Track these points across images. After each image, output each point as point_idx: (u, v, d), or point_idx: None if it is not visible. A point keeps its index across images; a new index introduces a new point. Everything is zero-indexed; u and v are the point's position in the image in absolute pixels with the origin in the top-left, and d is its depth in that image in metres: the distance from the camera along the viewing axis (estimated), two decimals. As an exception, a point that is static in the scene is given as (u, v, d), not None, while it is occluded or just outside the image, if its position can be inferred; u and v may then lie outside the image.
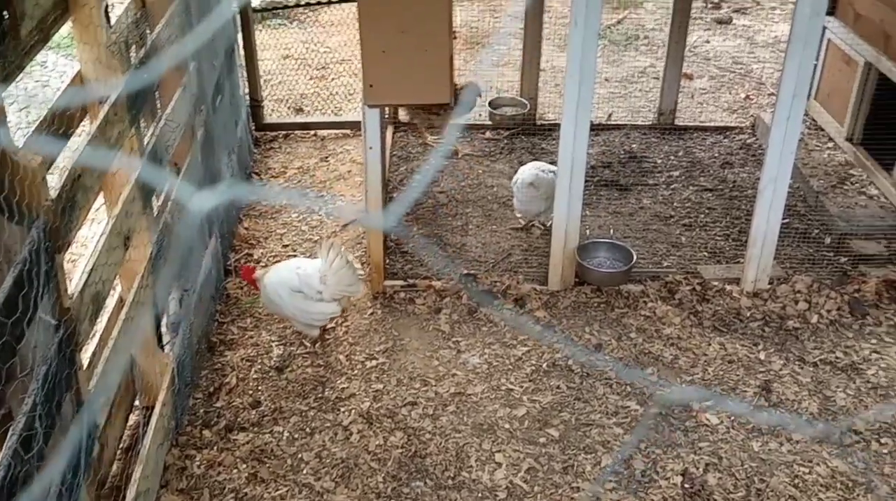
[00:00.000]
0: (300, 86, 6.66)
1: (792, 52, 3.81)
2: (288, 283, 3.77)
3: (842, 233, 4.63)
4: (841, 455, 3.31)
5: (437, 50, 3.75)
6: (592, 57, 3.83)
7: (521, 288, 4.28)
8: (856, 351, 3.84)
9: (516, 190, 4.68)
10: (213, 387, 3.69)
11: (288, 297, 3.76)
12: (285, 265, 3.94)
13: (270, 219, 5.00)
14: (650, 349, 3.90)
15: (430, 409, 3.57)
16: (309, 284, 3.73)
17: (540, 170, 4.63)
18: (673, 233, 4.78)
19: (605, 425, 3.49)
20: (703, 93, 6.66)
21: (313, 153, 5.76)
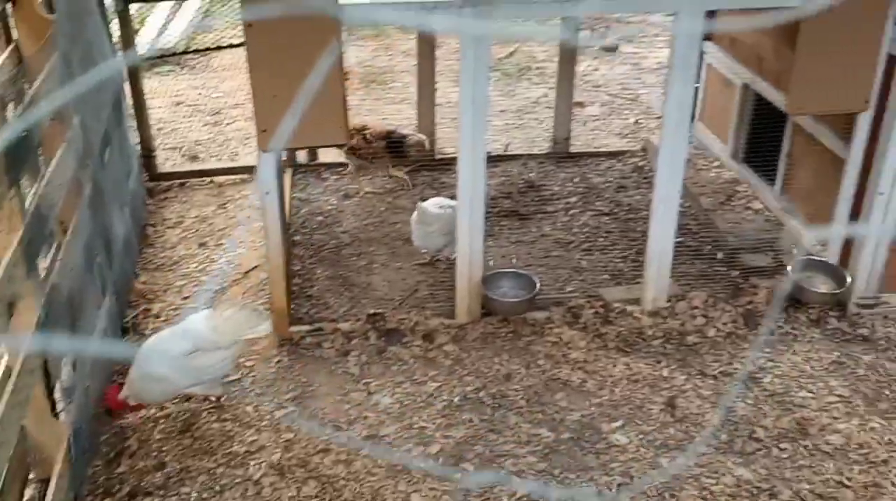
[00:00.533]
0: (194, 132, 6.54)
1: (673, 78, 3.99)
2: (178, 353, 3.51)
3: (732, 247, 4.84)
4: (744, 464, 3.43)
5: (329, 92, 3.76)
6: (484, 90, 3.92)
7: (428, 323, 4.28)
8: (752, 362, 4.01)
9: (412, 227, 4.72)
10: (113, 452, 3.53)
11: (184, 367, 3.51)
12: (159, 340, 3.60)
13: (168, 270, 4.85)
14: (558, 374, 3.95)
15: (343, 455, 3.51)
16: (203, 338, 3.58)
17: (438, 205, 4.67)
18: (574, 258, 4.89)
19: (520, 455, 3.51)
20: (594, 119, 6.89)
21: (211, 200, 5.65)
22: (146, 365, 3.49)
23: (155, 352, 3.52)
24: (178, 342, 3.56)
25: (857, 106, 4.04)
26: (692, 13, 3.85)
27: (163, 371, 3.50)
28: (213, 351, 3.61)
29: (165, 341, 3.59)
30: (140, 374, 3.51)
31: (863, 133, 4.16)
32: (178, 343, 3.55)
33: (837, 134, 4.46)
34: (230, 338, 3.60)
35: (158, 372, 3.49)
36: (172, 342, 3.56)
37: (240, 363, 4.04)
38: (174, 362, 3.50)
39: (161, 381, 3.52)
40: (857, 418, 3.66)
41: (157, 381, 3.52)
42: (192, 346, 3.55)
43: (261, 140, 3.84)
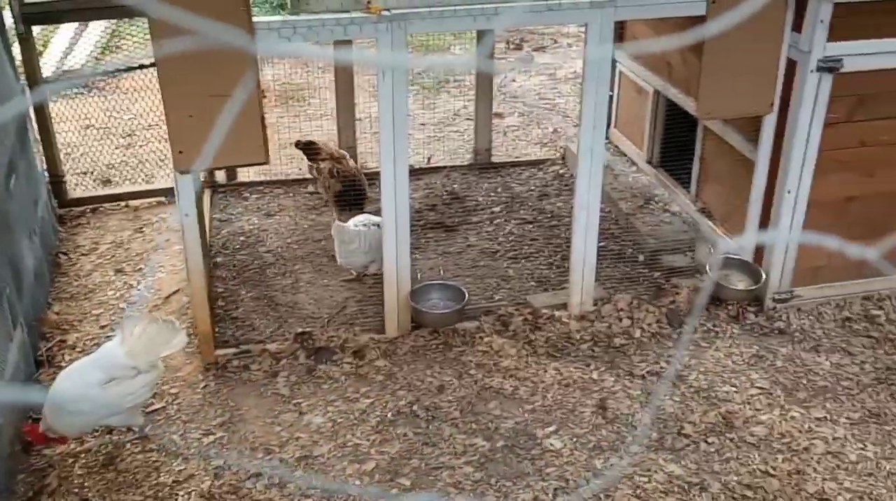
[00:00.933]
0: (106, 156, 6.32)
1: (587, 89, 4.08)
2: (91, 384, 3.35)
3: (653, 249, 4.97)
4: (675, 460, 3.51)
5: (246, 110, 3.69)
6: (403, 104, 3.92)
7: (358, 339, 4.24)
8: (678, 359, 4.11)
9: (335, 247, 4.68)
10: (31, 492, 3.35)
11: (99, 398, 3.36)
12: (71, 373, 3.45)
13: (84, 299, 4.66)
14: (491, 383, 3.97)
15: (276, 478, 3.43)
16: (117, 365, 3.41)
17: (362, 223, 4.64)
18: (501, 267, 4.93)
19: (455, 466, 3.50)
20: (514, 129, 6.98)
21: (126, 225, 5.46)
22: (59, 399, 3.31)
23: (67, 385, 3.36)
24: (90, 372, 3.40)
25: (763, 109, 4.21)
26: (602, 24, 3.95)
27: (77, 404, 3.33)
28: (131, 378, 3.45)
29: (78, 372, 3.43)
30: (53, 408, 3.34)
31: (769, 135, 4.33)
32: (90, 373, 3.39)
33: (746, 136, 4.63)
34: (146, 359, 3.44)
35: (72, 406, 3.33)
36: (85, 372, 3.40)
37: (164, 390, 3.91)
38: (87, 393, 3.34)
39: (76, 414, 3.36)
40: (778, 409, 3.79)
41: (72, 414, 3.35)
42: (105, 375, 3.39)
43: (177, 161, 3.75)
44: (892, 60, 4.08)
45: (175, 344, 3.55)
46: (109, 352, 3.47)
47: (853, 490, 3.35)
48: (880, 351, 4.18)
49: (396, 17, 3.73)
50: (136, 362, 3.42)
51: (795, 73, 4.11)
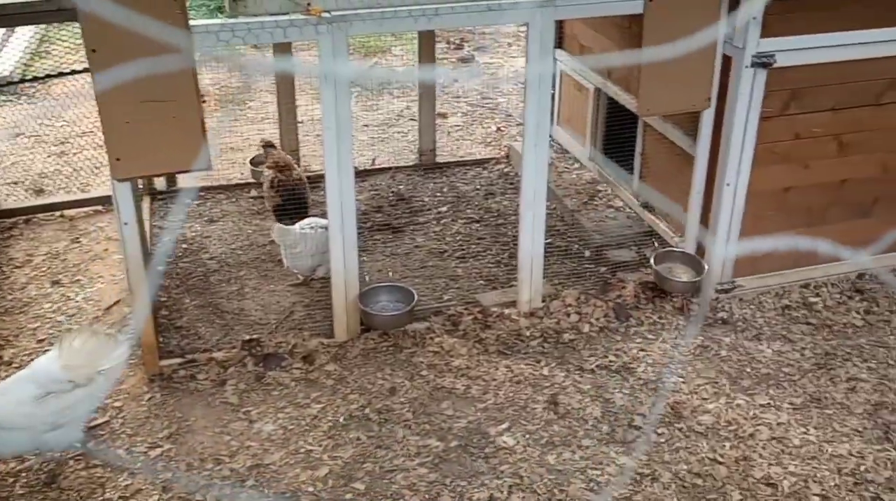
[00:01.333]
0: (38, 164, 6.12)
1: (530, 86, 4.10)
2: (26, 399, 3.21)
3: (598, 245, 5.03)
4: (626, 452, 3.55)
5: (186, 115, 3.60)
6: (346, 106, 3.88)
7: (307, 344, 4.18)
8: (625, 353, 4.16)
9: (281, 250, 4.61)
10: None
11: (35, 414, 3.21)
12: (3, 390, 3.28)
13: (19, 313, 4.50)
14: (443, 383, 3.96)
15: (227, 488, 3.36)
16: (53, 379, 3.27)
17: (309, 225, 4.59)
18: (449, 267, 4.92)
19: (409, 468, 3.48)
20: (457, 129, 6.99)
21: (61, 235, 5.28)
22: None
23: (0, 402, 3.21)
24: (23, 386, 3.26)
25: (701, 104, 4.30)
26: (543, 24, 3.98)
27: (11, 420, 3.19)
28: (67, 392, 3.33)
29: (9, 388, 3.27)
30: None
31: (707, 129, 4.43)
32: (23, 387, 3.25)
33: (685, 131, 4.72)
34: (84, 372, 3.32)
35: (7, 423, 3.18)
36: (17, 388, 3.26)
37: (107, 404, 3.80)
38: (21, 409, 3.19)
39: (10, 430, 3.20)
40: (724, 397, 3.87)
41: (8, 432, 3.20)
42: (40, 390, 3.25)
43: (114, 169, 3.63)
44: (823, 55, 4.20)
45: (115, 356, 3.44)
46: (44, 367, 3.34)
47: (798, 474, 3.44)
48: (819, 337, 4.31)
49: (337, 18, 3.69)
50: (72, 375, 3.30)
51: (731, 68, 4.21)
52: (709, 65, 4.21)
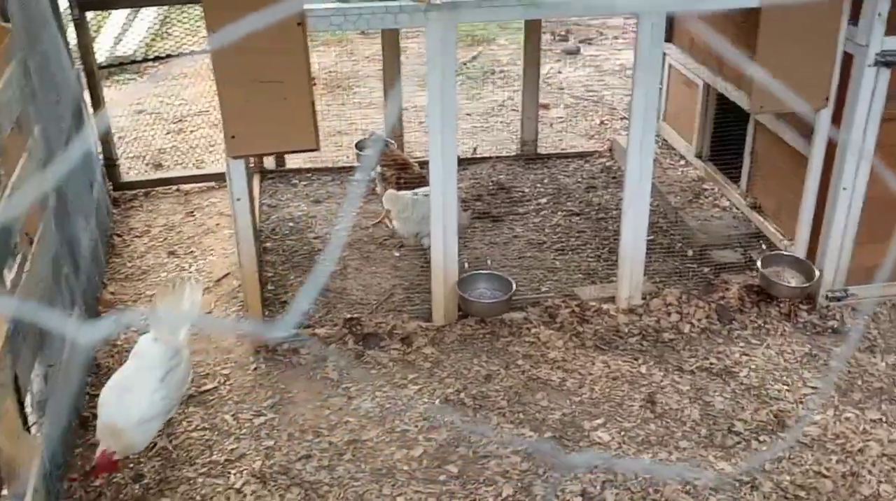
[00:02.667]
0: (157, 141, 6.43)
1: (638, 79, 4.04)
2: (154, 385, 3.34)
3: (702, 244, 4.91)
4: (725, 458, 3.48)
5: (297, 97, 3.71)
6: (452, 94, 3.92)
7: (406, 326, 4.26)
8: (727, 356, 4.06)
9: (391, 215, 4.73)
10: (88, 466, 3.43)
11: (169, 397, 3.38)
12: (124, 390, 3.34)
13: (138, 280, 4.76)
14: (538, 374, 3.96)
15: (326, 460, 3.47)
16: (163, 357, 3.40)
17: (423, 193, 4.67)
18: (547, 259, 4.91)
19: (503, 455, 3.51)
20: (560, 121, 6.95)
21: (178, 209, 5.55)
22: (129, 419, 3.25)
23: (131, 401, 3.30)
24: (143, 375, 3.37)
25: (818, 103, 4.14)
26: (653, 16, 3.91)
27: (153, 410, 3.34)
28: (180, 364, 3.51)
29: (132, 383, 3.37)
30: (124, 431, 3.24)
31: (824, 130, 4.25)
32: (144, 376, 3.37)
33: (800, 131, 4.55)
34: (175, 336, 3.49)
35: (148, 414, 3.33)
36: (139, 378, 3.37)
37: (216, 371, 3.98)
38: (156, 396, 3.34)
39: (151, 421, 3.36)
40: (831, 409, 3.73)
41: (149, 422, 3.35)
42: (161, 371, 3.39)
43: (229, 146, 3.79)
44: (957, 55, 3.97)
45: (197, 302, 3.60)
46: (150, 350, 3.45)
47: (908, 493, 3.30)
48: (937, 353, 4.10)
49: (446, 5, 3.73)
50: (170, 344, 3.45)
51: (852, 67, 4.03)
52: (828, 62, 4.04)
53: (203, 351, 4.14)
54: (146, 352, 3.48)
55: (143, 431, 3.34)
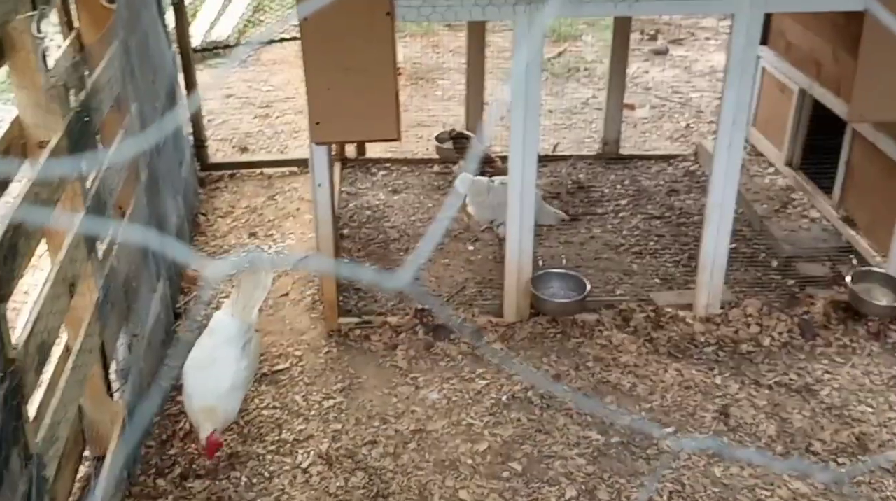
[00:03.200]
0: (244, 125, 6.59)
1: (729, 82, 3.92)
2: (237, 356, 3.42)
3: (787, 256, 4.74)
4: (801, 477, 3.35)
5: (382, 87, 3.75)
6: (536, 90, 3.88)
7: (477, 320, 4.26)
8: (808, 373, 3.91)
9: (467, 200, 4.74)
10: (165, 434, 3.56)
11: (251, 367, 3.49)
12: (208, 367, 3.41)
13: (220, 259, 4.89)
14: (608, 377, 3.90)
15: (391, 447, 3.50)
16: (239, 330, 3.48)
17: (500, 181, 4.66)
18: (624, 261, 4.83)
19: (568, 456, 3.47)
20: (645, 122, 6.81)
21: (260, 192, 5.68)
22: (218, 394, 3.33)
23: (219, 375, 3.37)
24: (224, 350, 3.44)
25: (923, 114, 3.94)
26: (751, 16, 3.78)
27: (241, 380, 3.42)
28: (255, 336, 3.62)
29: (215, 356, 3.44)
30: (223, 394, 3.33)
31: (928, 142, 4.05)
32: (225, 350, 3.44)
33: (900, 142, 4.35)
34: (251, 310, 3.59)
35: (239, 382, 3.42)
36: (221, 353, 3.44)
37: (289, 352, 4.06)
38: (240, 365, 3.43)
39: (238, 390, 3.43)
40: (919, 435, 3.56)
41: (237, 390, 3.42)
42: (241, 342, 3.49)
43: (313, 132, 3.85)
44: None
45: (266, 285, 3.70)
46: (227, 324, 3.53)
47: None
48: None
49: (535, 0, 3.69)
50: (248, 319, 3.56)
51: (966, 77, 3.81)
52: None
53: (278, 332, 4.23)
54: (224, 327, 3.58)
55: (235, 399, 3.40)
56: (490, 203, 4.66)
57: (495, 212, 4.66)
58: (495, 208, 4.64)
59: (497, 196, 4.59)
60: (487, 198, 4.68)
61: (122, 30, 3.80)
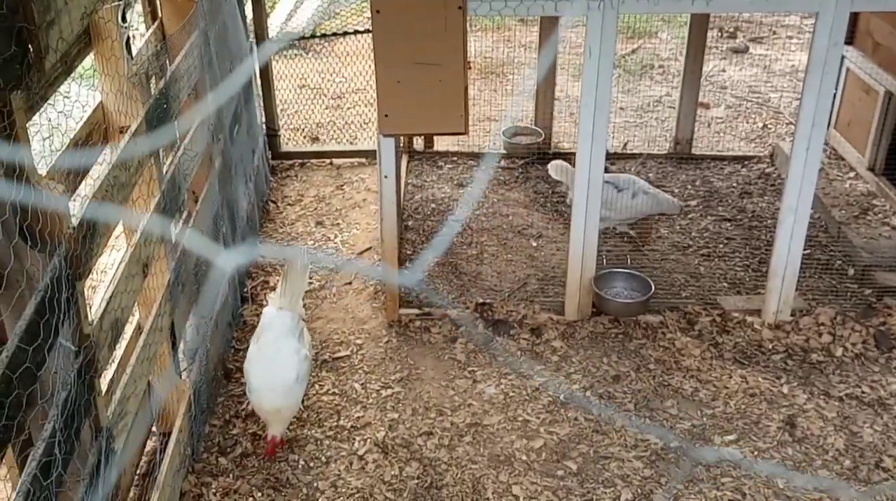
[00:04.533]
0: (316, 115, 6.70)
1: (810, 82, 3.79)
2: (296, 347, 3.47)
3: (865, 264, 4.57)
4: (868, 494, 3.23)
5: (451, 81, 3.74)
6: (607, 86, 3.83)
7: (537, 317, 4.24)
8: (883, 386, 3.77)
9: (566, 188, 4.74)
10: (229, 414, 3.66)
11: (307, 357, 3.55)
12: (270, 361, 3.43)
13: (287, 246, 4.99)
14: (669, 381, 3.83)
15: (446, 439, 3.52)
16: (291, 323, 3.51)
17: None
18: (691, 264, 4.73)
19: (625, 458, 3.42)
20: (719, 122, 6.65)
21: (329, 181, 5.77)
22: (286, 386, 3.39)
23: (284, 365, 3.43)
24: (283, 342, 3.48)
25: None
26: (836, 14, 3.64)
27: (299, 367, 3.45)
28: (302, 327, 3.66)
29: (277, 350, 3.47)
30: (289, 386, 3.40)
31: None
32: (284, 343, 3.48)
33: None
34: (298, 301, 3.64)
35: (303, 374, 3.48)
36: (283, 345, 3.48)
37: (350, 340, 4.12)
38: (300, 356, 3.49)
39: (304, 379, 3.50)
40: None
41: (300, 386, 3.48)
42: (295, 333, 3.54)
43: (382, 124, 3.88)
44: None
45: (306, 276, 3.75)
46: (277, 319, 3.54)
47: None
48: None
49: (610, -6, 3.63)
50: (297, 310, 3.60)
51: None
52: None
53: (339, 320, 4.30)
54: (276, 321, 3.56)
55: (300, 390, 3.47)
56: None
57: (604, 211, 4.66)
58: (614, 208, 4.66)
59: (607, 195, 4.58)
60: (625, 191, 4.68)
61: (202, 20, 3.90)
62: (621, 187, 4.67)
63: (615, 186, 4.65)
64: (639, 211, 4.76)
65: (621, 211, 4.71)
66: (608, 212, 4.64)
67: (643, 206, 4.73)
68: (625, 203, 4.68)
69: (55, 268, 2.10)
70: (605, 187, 4.50)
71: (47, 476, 2.00)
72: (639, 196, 4.69)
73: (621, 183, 4.70)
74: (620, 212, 4.71)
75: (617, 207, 4.67)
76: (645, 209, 4.76)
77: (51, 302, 2.04)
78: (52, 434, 2.05)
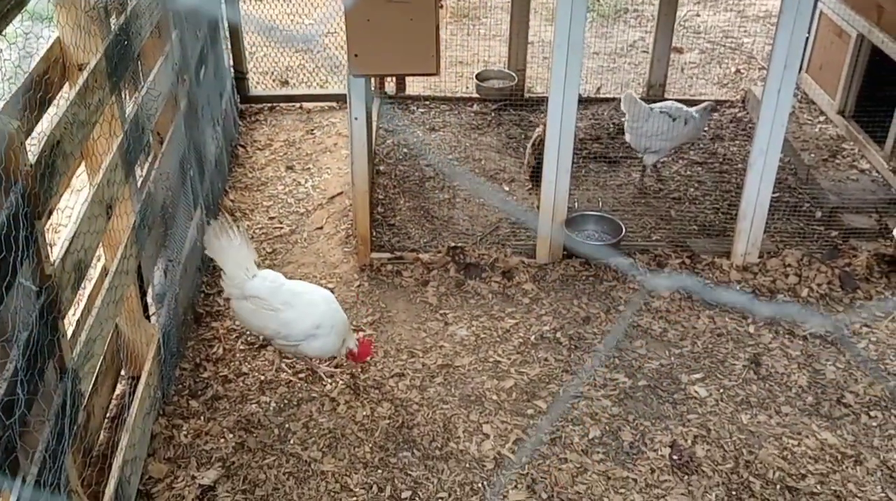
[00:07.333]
0: (285, 58, 6.56)
1: (783, 24, 3.77)
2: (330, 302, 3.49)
3: (833, 206, 4.62)
4: (830, 428, 3.32)
5: (422, 20, 3.67)
6: (580, 30, 3.78)
7: (508, 261, 4.24)
8: (846, 325, 3.84)
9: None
10: (199, 358, 3.64)
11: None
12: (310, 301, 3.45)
13: (256, 191, 4.93)
14: (639, 322, 3.88)
15: (418, 381, 3.54)
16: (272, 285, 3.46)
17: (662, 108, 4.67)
18: (662, 207, 4.75)
19: (594, 397, 3.47)
20: (692, 66, 6.62)
21: (299, 126, 5.68)
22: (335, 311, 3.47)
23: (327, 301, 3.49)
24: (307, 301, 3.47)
25: None
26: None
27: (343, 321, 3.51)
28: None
29: (303, 305, 3.44)
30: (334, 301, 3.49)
31: None
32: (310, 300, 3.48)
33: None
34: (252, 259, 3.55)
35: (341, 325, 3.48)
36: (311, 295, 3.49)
37: (322, 284, 4.10)
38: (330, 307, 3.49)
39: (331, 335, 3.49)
40: (954, 391, 3.48)
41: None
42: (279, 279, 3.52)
43: (352, 64, 3.80)
44: None
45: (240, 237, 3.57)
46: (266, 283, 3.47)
47: None
48: None
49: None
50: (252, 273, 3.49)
51: None
52: None
53: (311, 264, 4.27)
54: (266, 284, 3.46)
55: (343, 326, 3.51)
56: (646, 132, 4.65)
57: (650, 141, 4.66)
58: (650, 138, 4.64)
59: (655, 124, 4.59)
60: (646, 124, 4.66)
61: (162, -45, 3.77)
62: (674, 115, 4.66)
63: (669, 115, 4.64)
64: (690, 137, 4.80)
65: (675, 139, 4.70)
66: (665, 142, 4.66)
67: (693, 131, 4.76)
68: (679, 131, 4.68)
69: (12, 206, 2.04)
70: (660, 117, 4.61)
71: (10, 416, 1.98)
72: (690, 122, 4.69)
73: (674, 111, 4.69)
74: (674, 140, 4.71)
75: (672, 135, 4.66)
76: (694, 134, 4.80)
77: (8, 240, 1.99)
78: (14, 373, 2.02)
